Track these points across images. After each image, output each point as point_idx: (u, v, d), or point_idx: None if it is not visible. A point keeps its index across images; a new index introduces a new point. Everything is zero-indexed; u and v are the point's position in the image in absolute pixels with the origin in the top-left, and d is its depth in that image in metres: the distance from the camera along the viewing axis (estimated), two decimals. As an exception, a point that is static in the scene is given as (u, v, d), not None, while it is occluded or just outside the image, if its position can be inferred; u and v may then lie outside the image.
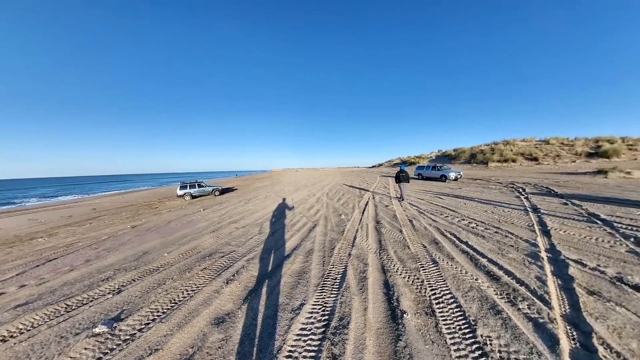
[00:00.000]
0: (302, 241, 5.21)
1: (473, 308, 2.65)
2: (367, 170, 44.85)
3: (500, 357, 2.04)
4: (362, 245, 4.67)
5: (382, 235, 5.10)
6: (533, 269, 3.40)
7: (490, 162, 27.66)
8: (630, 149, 21.57)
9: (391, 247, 4.47)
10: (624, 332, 2.25)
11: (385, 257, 4.07)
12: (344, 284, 3.32)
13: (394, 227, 5.64)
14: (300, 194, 13.51)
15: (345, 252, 4.38)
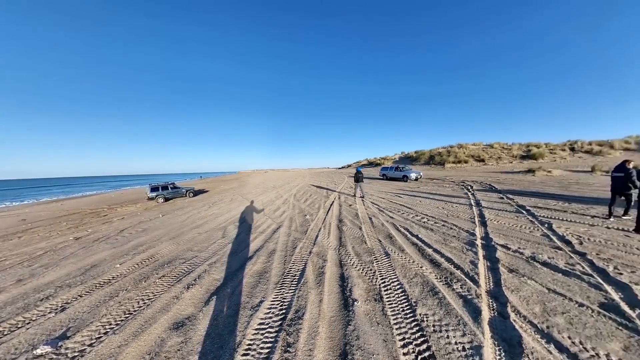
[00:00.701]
0: (265, 243, 5.23)
1: (416, 292, 2.98)
2: (337, 171, 45.93)
3: (433, 330, 2.35)
4: (323, 243, 4.86)
5: (343, 233, 5.36)
6: (469, 255, 3.91)
7: (447, 163, 30.34)
8: (552, 153, 25.50)
9: (350, 243, 4.74)
10: (531, 300, 2.74)
11: (343, 252, 4.31)
12: (302, 280, 3.46)
13: (354, 224, 5.96)
14: (267, 196, 13.36)
15: (306, 251, 4.53)
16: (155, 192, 15.15)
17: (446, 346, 2.16)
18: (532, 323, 2.38)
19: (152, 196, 14.93)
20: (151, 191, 15.09)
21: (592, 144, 25.12)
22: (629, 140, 23.82)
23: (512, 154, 27.97)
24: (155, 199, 15.08)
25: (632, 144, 23.20)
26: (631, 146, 22.98)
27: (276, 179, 30.39)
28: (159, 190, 15.40)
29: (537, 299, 2.76)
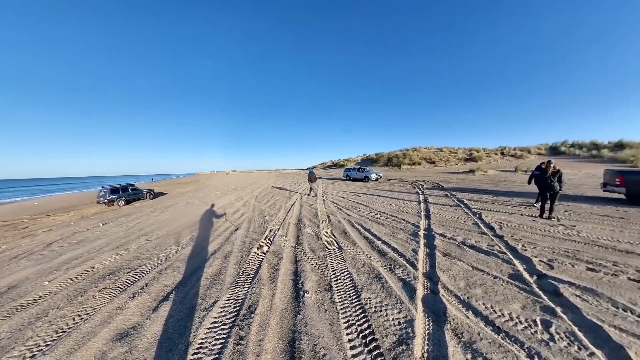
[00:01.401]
0: (222, 245, 5.06)
1: (362, 279, 3.22)
2: (302, 173, 46.07)
3: (374, 310, 2.58)
4: (280, 242, 4.90)
5: (301, 231, 5.47)
6: (412, 244, 4.34)
7: (402, 165, 32.73)
8: (488, 156, 29.67)
9: (307, 240, 4.87)
10: (458, 277, 3.18)
11: (299, 249, 4.41)
12: (256, 278, 3.47)
13: (313, 223, 6.12)
14: (227, 198, 12.82)
15: (262, 250, 4.52)
16: (116, 195, 14.60)
17: (384, 323, 2.40)
18: (456, 296, 2.77)
19: (112, 198, 14.36)
20: (111, 193, 14.48)
21: (515, 150, 30.27)
22: (541, 147, 29.71)
23: (457, 157, 31.62)
24: (116, 202, 14.49)
25: (543, 150, 28.95)
26: (542, 151, 28.48)
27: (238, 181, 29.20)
28: (119, 192, 14.82)
29: (462, 276, 3.21)
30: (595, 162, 21.45)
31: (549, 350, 2.00)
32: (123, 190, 15.12)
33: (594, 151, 24.13)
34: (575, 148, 26.70)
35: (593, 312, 2.43)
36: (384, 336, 2.22)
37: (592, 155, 23.49)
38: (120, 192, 14.86)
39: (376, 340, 2.18)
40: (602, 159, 22.14)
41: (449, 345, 2.06)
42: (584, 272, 3.24)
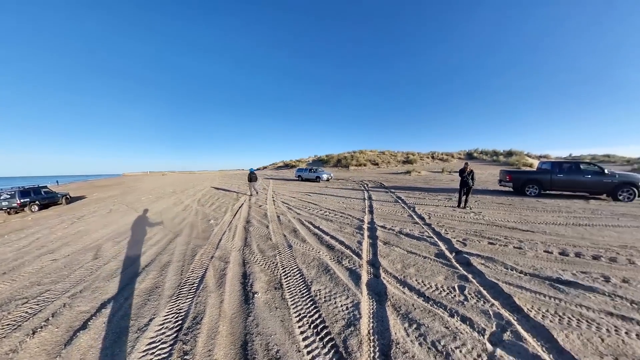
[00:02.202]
0: (158, 255, 4.47)
1: (312, 273, 3.31)
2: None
3: (324, 300, 2.69)
4: (226, 245, 4.63)
5: (249, 233, 5.28)
6: (357, 237, 4.68)
7: (351, 166, 34.79)
8: (421, 159, 34.29)
9: (255, 242, 4.72)
10: (396, 261, 3.57)
11: (247, 252, 4.26)
12: (201, 286, 3.19)
13: (262, 224, 5.97)
14: (163, 203, 11.33)
15: (207, 256, 4.19)
16: (27, 198, 12.59)
17: (334, 310, 2.53)
18: (394, 277, 3.12)
19: (24, 202, 12.40)
20: (22, 196, 12.43)
21: (442, 154, 35.91)
22: (460, 152, 36.48)
23: (397, 160, 35.49)
24: (28, 207, 12.49)
25: (462, 155, 35.34)
26: (461, 156, 34.75)
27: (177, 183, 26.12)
28: (31, 195, 12.77)
29: (399, 259, 3.63)
30: (495, 164, 27.49)
31: (464, 308, 2.45)
32: (35, 193, 12.96)
33: (494, 157, 31.52)
34: (482, 154, 34.05)
35: (492, 274, 3.08)
36: (333, 322, 2.34)
37: (493, 160, 30.38)
38: (32, 195, 12.75)
39: (327, 327, 2.29)
40: (499, 162, 28.66)
41: (390, 319, 2.32)
42: (486, 246, 4.06)
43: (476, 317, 2.33)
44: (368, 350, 1.99)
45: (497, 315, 2.36)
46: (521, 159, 27.89)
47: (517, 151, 32.42)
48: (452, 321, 2.28)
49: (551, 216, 6.44)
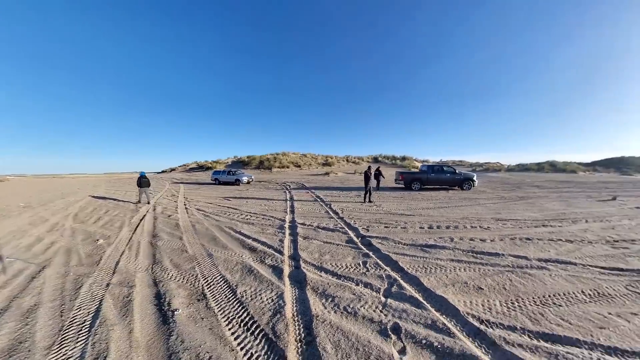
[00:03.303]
0: (12, 301, 3.29)
1: (236, 277, 3.33)
2: (154, 177, 37.22)
3: (251, 298, 2.80)
4: (128, 267, 3.92)
5: (158, 249, 4.63)
6: (279, 236, 4.93)
7: (273, 168, 34.62)
8: (338, 162, 38.08)
9: (167, 257, 4.22)
10: (314, 252, 4.04)
11: (158, 269, 3.77)
12: (97, 322, 2.65)
13: (174, 236, 5.32)
14: (8, 224, 8.04)
15: (100, 285, 3.44)
16: None
17: (260, 305, 2.68)
18: (312, 264, 3.56)
19: None
20: None
21: (355, 158, 41.40)
22: (369, 157, 43.13)
23: (317, 162, 37.95)
24: None
25: (370, 159, 41.83)
26: (370, 160, 41.18)
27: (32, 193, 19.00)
28: None
29: (317, 250, 4.13)
30: (394, 167, 34.07)
31: (366, 277, 3.14)
32: None
33: (393, 161, 39.70)
34: (385, 158, 41.64)
35: (385, 249, 4.00)
36: (261, 315, 2.50)
37: (392, 163, 37.92)
38: None
39: (256, 321, 2.42)
40: (397, 165, 36.22)
41: (310, 299, 2.69)
42: (383, 229, 5.14)
43: (374, 281, 3.03)
44: (294, 329, 2.28)
45: (388, 276, 3.14)
46: (411, 162, 37.07)
47: (409, 157, 42.35)
48: (357, 288, 2.88)
49: (426, 203, 8.67)
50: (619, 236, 4.94)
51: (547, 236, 4.96)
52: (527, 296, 2.81)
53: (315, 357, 1.95)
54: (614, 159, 40.63)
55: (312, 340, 2.13)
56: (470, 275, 3.27)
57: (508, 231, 5.30)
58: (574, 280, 3.19)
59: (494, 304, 2.66)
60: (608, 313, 2.53)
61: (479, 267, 3.50)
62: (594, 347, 2.09)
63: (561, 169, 31.75)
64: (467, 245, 4.39)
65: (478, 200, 9.41)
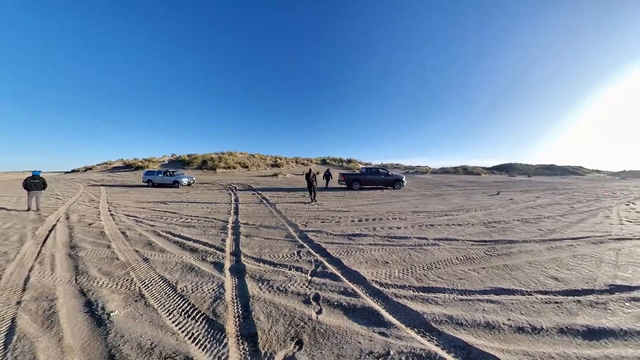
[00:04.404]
0: None
1: (176, 275, 3.49)
2: (62, 177, 30.48)
3: (192, 291, 3.05)
4: (43, 282, 3.56)
5: (80, 260, 4.24)
6: (221, 236, 5.14)
7: (218, 169, 32.54)
8: (287, 163, 38.37)
9: (94, 266, 3.97)
10: (255, 247, 4.45)
11: (84, 279, 3.57)
12: (13, 339, 2.48)
13: (99, 245, 4.90)
14: None
15: (9, 304, 3.10)
16: None
17: (201, 295, 2.97)
18: (253, 257, 3.98)
19: None
20: None
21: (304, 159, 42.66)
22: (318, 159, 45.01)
23: (266, 163, 37.23)
24: None
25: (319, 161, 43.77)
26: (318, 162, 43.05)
27: None
28: None
29: (257, 245, 4.55)
30: (340, 168, 36.58)
31: (298, 262, 3.74)
32: None
33: (340, 163, 43.02)
34: (333, 160, 44.43)
35: (318, 240, 4.70)
36: (202, 303, 2.81)
37: (339, 165, 40.91)
38: None
39: (197, 308, 2.71)
40: (343, 167, 39.13)
41: (248, 285, 3.12)
42: (319, 224, 5.87)
43: (304, 265, 3.66)
44: (233, 309, 2.68)
45: (316, 261, 3.81)
46: (356, 165, 41.02)
47: (354, 159, 46.77)
48: (290, 272, 3.45)
49: (362, 201, 9.89)
50: (492, 219, 6.85)
51: (445, 222, 6.50)
52: (419, 265, 3.84)
53: (250, 326, 2.41)
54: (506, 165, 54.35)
55: (248, 314, 2.58)
56: (381, 254, 4.21)
57: (419, 220, 6.71)
58: (454, 251, 4.46)
59: (394, 272, 3.58)
60: (468, 269, 3.72)
61: (389, 248, 4.51)
62: (452, 291, 3.13)
63: (470, 171, 40.98)
64: (385, 232, 5.46)
65: (404, 197, 11.24)
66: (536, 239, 5.12)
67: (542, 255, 4.28)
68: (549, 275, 3.49)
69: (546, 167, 52.06)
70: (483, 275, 3.50)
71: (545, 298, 2.91)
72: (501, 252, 4.38)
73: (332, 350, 2.09)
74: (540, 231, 5.70)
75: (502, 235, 5.31)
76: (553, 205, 9.68)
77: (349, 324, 2.43)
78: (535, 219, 7.00)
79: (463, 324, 2.45)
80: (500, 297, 2.93)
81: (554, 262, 3.96)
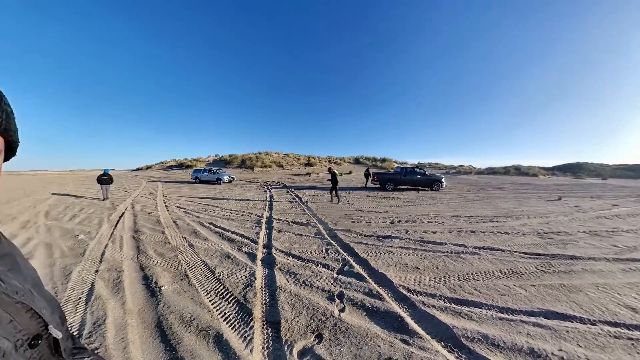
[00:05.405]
0: None
1: (215, 261, 3.86)
2: (129, 174, 35.78)
3: (227, 276, 3.35)
4: (114, 257, 4.28)
5: (141, 242, 4.99)
6: (255, 229, 5.49)
7: (255, 167, 34.64)
8: (320, 162, 38.89)
9: (151, 248, 4.62)
10: (285, 241, 4.63)
11: (144, 257, 4.19)
12: (91, 299, 3.06)
13: (156, 231, 5.68)
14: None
15: (89, 272, 3.81)
16: None
17: (235, 281, 3.23)
18: (283, 251, 4.17)
19: None
20: None
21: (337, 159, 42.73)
22: (351, 158, 44.87)
23: (300, 162, 38.42)
24: None
25: (352, 160, 43.49)
26: (351, 161, 42.70)
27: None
28: None
29: (288, 240, 4.74)
30: (374, 168, 35.50)
31: (325, 259, 3.80)
32: None
33: (374, 162, 41.70)
34: (366, 160, 43.48)
35: (347, 239, 4.69)
36: (235, 287, 3.06)
37: (373, 164, 39.56)
38: None
39: (230, 292, 2.98)
40: (377, 166, 37.90)
41: (276, 275, 3.30)
42: (349, 223, 5.85)
43: (331, 263, 3.70)
44: (261, 296, 2.87)
45: (343, 259, 3.82)
46: (390, 164, 39.34)
47: (388, 158, 45.01)
48: (316, 268, 3.53)
49: (394, 202, 9.55)
50: (550, 229, 5.96)
51: (489, 229, 5.88)
52: (453, 273, 3.54)
53: (275, 313, 2.56)
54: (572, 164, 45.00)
55: (274, 303, 2.74)
56: (412, 258, 4.02)
57: (458, 225, 6.20)
58: (497, 262, 4.01)
59: (424, 279, 3.38)
60: (513, 285, 3.33)
61: (421, 253, 4.27)
62: (491, 307, 2.84)
63: (525, 172, 34.57)
64: (418, 236, 5.18)
65: (442, 200, 10.49)
66: (608, 256, 4.29)
67: (615, 277, 3.55)
68: (623, 303, 2.86)
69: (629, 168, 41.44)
70: (532, 294, 3.06)
71: (615, 331, 2.38)
72: (559, 268, 3.78)
73: (350, 349, 2.10)
74: (614, 247, 4.77)
75: (562, 249, 4.59)
76: (636, 216, 7.97)
77: (371, 326, 2.40)
78: (610, 232, 5.87)
79: (500, 346, 2.17)
80: (551, 322, 2.51)
81: (632, 287, 3.23)
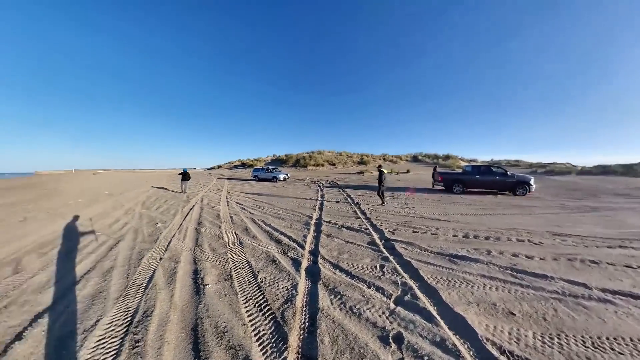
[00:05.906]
0: (98, 263, 4.23)
1: (260, 264, 3.67)
2: (204, 173, 41.71)
3: (268, 285, 3.08)
4: (177, 247, 4.64)
5: (201, 234, 5.33)
6: (304, 231, 5.18)
7: (309, 166, 35.57)
8: (374, 160, 37.15)
9: (207, 241, 4.84)
10: (333, 249, 4.15)
11: (199, 251, 4.37)
12: (150, 285, 3.26)
13: (214, 224, 6.03)
14: (98, 207, 10.09)
15: (156, 259, 4.17)
16: None
17: (276, 292, 2.93)
18: (329, 262, 3.69)
19: None
20: None
21: (392, 157, 40.11)
22: (408, 155, 41.41)
23: (353, 160, 37.67)
24: None
25: (409, 158, 40.11)
26: (408, 159, 39.39)
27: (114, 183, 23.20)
28: None
29: (336, 248, 4.23)
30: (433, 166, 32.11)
31: (380, 281, 3.12)
32: None
33: (435, 160, 37.12)
34: (426, 157, 39.47)
35: (408, 255, 3.88)
36: (274, 300, 2.75)
37: (434, 162, 35.01)
38: None
39: (269, 304, 2.68)
40: (438, 163, 33.46)
41: (320, 293, 2.83)
42: (410, 233, 4.97)
43: (387, 286, 3.01)
44: (300, 317, 2.46)
45: (403, 283, 3.08)
46: (455, 162, 33.90)
47: (453, 155, 38.81)
48: (368, 291, 2.91)
49: (465, 208, 7.95)
50: None
51: (622, 261, 4.06)
52: (574, 333, 2.33)
53: (312, 346, 2.09)
54: None
55: (313, 330, 2.28)
56: (502, 296, 2.93)
57: (567, 250, 4.55)
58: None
59: (526, 335, 2.31)
60: None
61: (516, 289, 3.09)
62: None
63: None
64: (506, 261, 3.94)
65: (532, 209, 8.20)
66: None
67: None
68: None
69: None
70: None
71: None
72: None
73: None
74: None
75: None
76: None
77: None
78: None
79: None
80: None
81: None
